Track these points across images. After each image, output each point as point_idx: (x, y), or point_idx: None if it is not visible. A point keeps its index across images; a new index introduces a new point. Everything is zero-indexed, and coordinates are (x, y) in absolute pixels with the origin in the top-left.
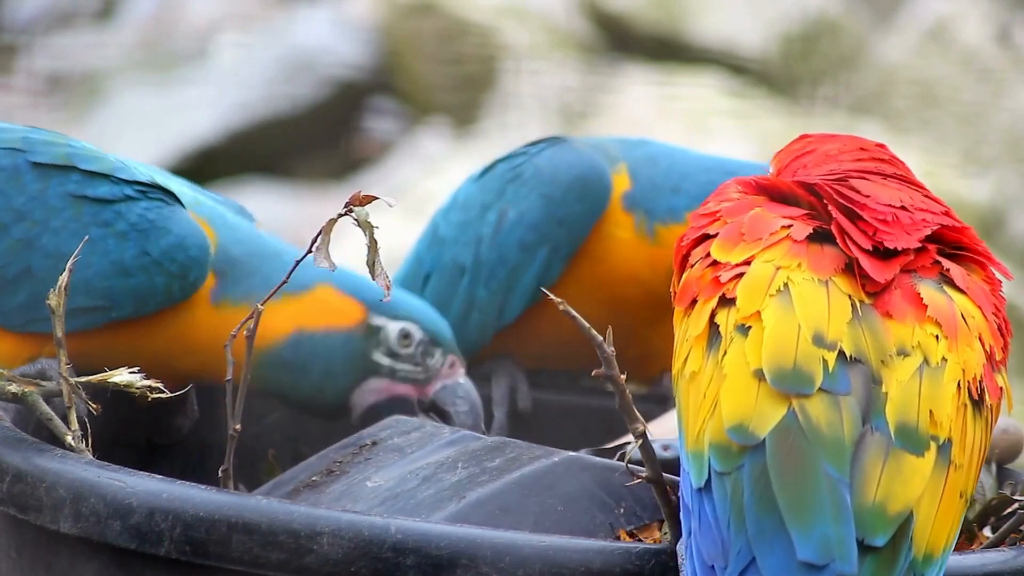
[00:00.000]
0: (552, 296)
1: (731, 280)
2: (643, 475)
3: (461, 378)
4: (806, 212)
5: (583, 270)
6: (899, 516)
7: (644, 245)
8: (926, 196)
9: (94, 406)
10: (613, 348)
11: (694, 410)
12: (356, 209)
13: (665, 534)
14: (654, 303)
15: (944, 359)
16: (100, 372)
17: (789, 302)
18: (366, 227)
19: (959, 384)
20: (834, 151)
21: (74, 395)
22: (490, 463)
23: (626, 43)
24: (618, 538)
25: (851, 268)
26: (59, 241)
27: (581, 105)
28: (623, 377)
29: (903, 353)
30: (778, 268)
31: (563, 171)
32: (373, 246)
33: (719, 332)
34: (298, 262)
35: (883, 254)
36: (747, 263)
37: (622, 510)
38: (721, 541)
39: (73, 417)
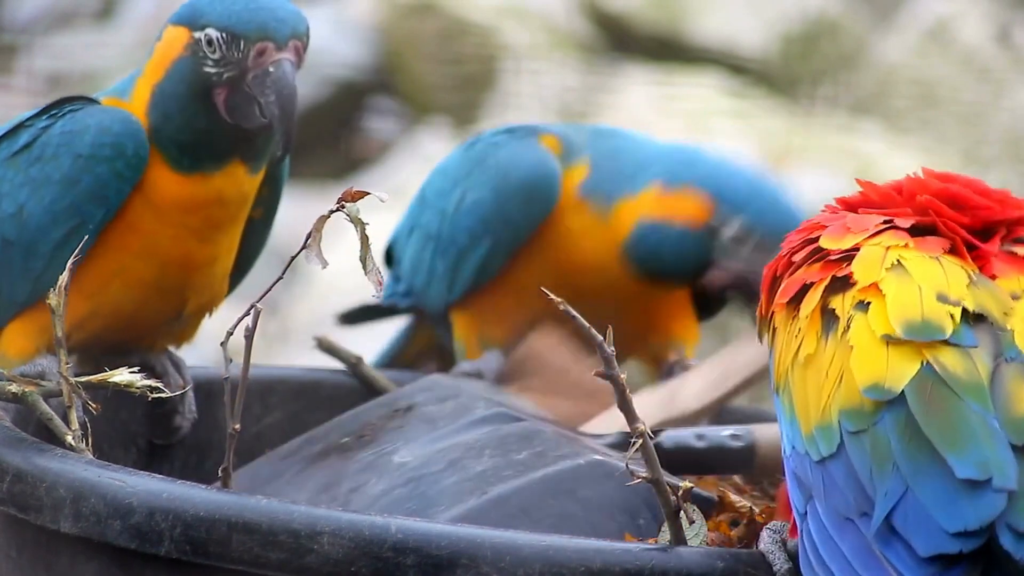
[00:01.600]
0: (552, 296)
1: (842, 261)
2: (643, 475)
3: None
4: (905, 211)
5: (537, 260)
6: None
7: (600, 226)
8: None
9: (94, 406)
10: (613, 348)
11: (815, 391)
12: (348, 205)
13: (664, 534)
14: (613, 284)
15: None
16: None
17: (906, 272)
18: (357, 223)
19: None
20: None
21: (74, 395)
22: (516, 455)
23: (626, 43)
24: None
25: (956, 251)
26: (17, 200)
27: (581, 105)
28: (623, 377)
29: (1016, 297)
30: (888, 248)
31: (515, 172)
32: (365, 242)
33: (835, 315)
34: (292, 259)
35: (982, 234)
36: (856, 248)
37: (642, 521)
38: (858, 493)
39: (73, 417)
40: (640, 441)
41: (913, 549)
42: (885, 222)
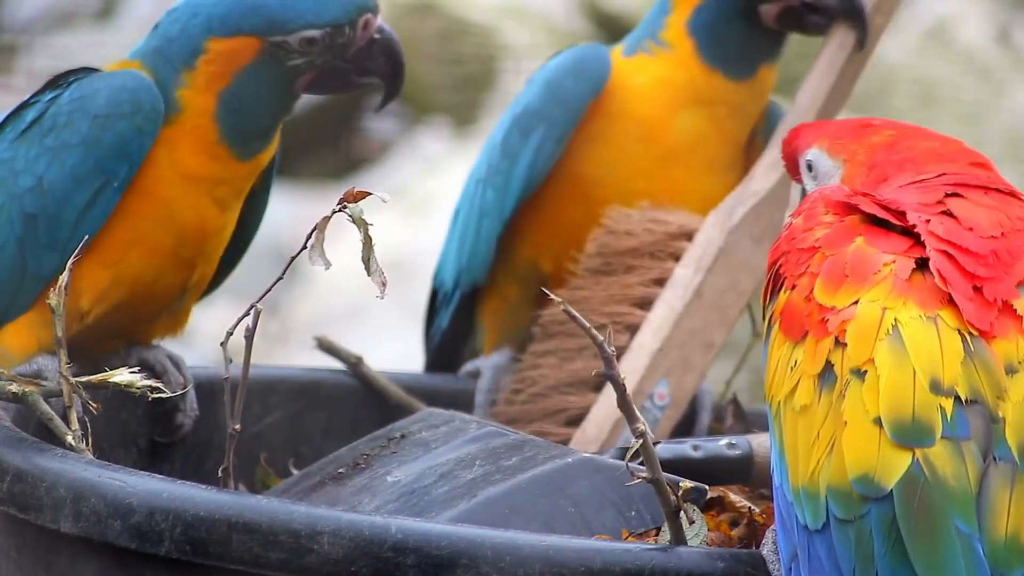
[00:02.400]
0: (552, 295)
1: (840, 325)
2: (643, 475)
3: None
4: (906, 242)
5: (599, 138)
6: None
7: (662, 61)
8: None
9: (94, 405)
10: (614, 348)
11: (804, 446)
12: (350, 206)
13: (664, 534)
14: (704, 103)
15: None
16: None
17: (901, 346)
18: (360, 224)
19: None
20: (919, 153)
21: (74, 394)
22: (506, 461)
23: None
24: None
25: (953, 301)
26: (35, 173)
27: None
28: (623, 377)
29: (1012, 371)
30: (885, 308)
31: (562, 56)
32: (367, 243)
33: (833, 370)
34: (292, 259)
35: (981, 291)
36: (854, 304)
37: (633, 513)
38: None
39: (73, 416)
40: (640, 441)
41: None
42: (887, 264)
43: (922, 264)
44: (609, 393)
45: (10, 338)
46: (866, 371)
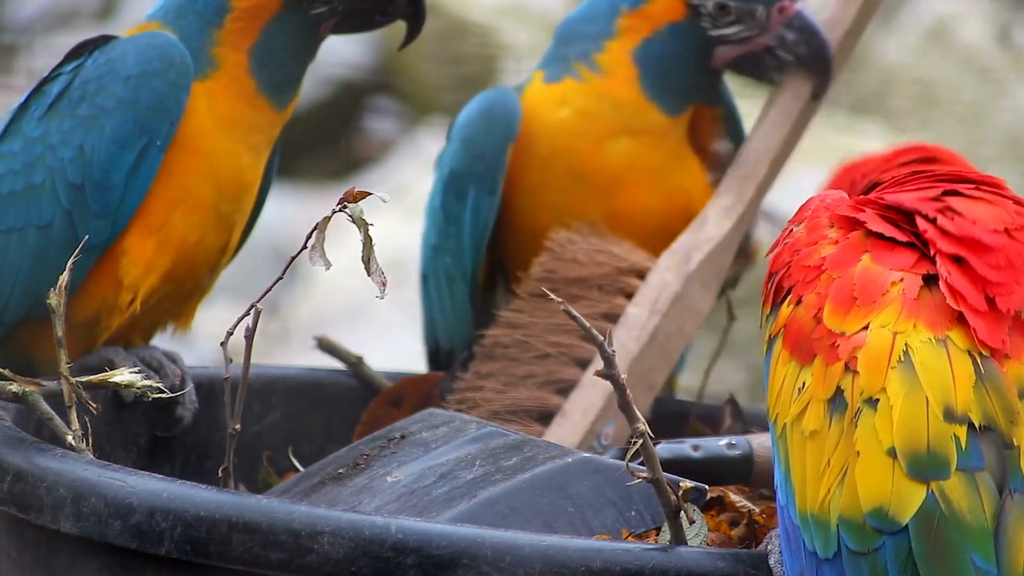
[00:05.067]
0: (552, 296)
1: (851, 352)
2: (643, 475)
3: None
4: (913, 255)
5: (537, 168)
6: None
7: (594, 88)
8: (1018, 206)
9: (94, 405)
10: (614, 348)
11: (814, 472)
12: (350, 206)
13: (664, 534)
14: (639, 134)
15: None
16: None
17: (913, 373)
18: (360, 224)
19: None
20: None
21: (74, 394)
22: (506, 461)
23: None
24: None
25: (964, 318)
26: (73, 143)
27: None
28: (623, 377)
29: None
30: (895, 333)
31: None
32: (368, 243)
33: (843, 397)
34: (292, 259)
35: (994, 303)
36: (864, 329)
37: (633, 513)
38: None
39: (73, 417)
40: (640, 440)
41: None
42: (895, 282)
43: (930, 279)
44: (583, 392)
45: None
46: (878, 400)
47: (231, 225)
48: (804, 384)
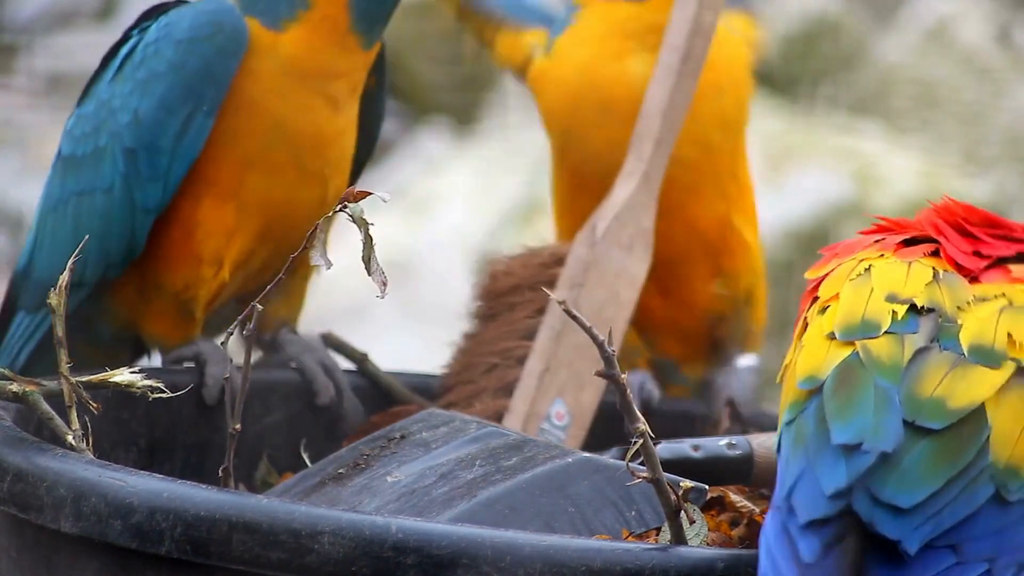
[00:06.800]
0: (552, 296)
1: (816, 286)
2: (644, 475)
3: None
4: (924, 248)
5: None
6: (961, 411)
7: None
8: None
9: (94, 405)
10: (614, 348)
11: (783, 396)
12: (350, 206)
13: (665, 534)
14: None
15: None
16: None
17: (867, 277)
18: (361, 224)
19: None
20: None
21: (74, 394)
22: (506, 462)
23: None
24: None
25: (939, 254)
26: (130, 107)
27: None
28: (624, 377)
29: (983, 300)
30: (861, 260)
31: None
32: (368, 242)
33: (806, 321)
34: (293, 259)
35: (979, 255)
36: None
37: (633, 513)
38: (780, 479)
39: (74, 416)
40: (640, 440)
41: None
42: (877, 240)
43: (914, 240)
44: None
45: (159, 324)
46: (828, 306)
47: (323, 179)
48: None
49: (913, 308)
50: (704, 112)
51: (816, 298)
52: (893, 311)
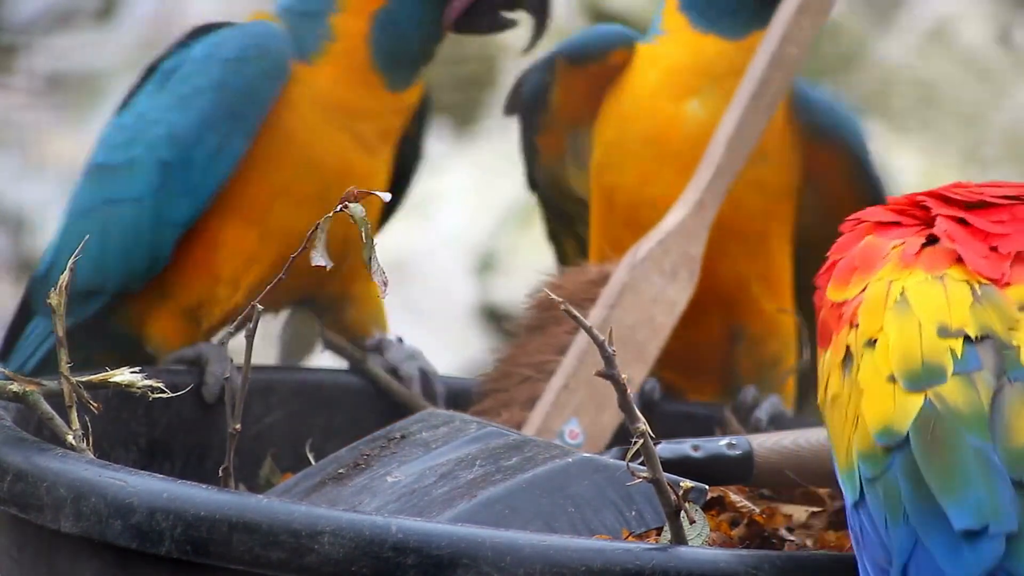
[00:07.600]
0: (553, 296)
1: (853, 312)
2: (644, 475)
3: None
4: (916, 225)
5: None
6: None
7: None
8: None
9: (95, 405)
10: (614, 348)
11: (839, 432)
12: (350, 206)
13: (665, 534)
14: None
15: None
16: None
17: (907, 306)
18: (361, 223)
19: None
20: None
21: (75, 394)
22: (507, 461)
23: None
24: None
25: (962, 260)
26: (169, 121)
27: None
28: (624, 378)
29: None
30: (891, 282)
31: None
32: (368, 243)
33: (851, 353)
34: (293, 259)
35: (996, 249)
36: (864, 290)
37: (633, 513)
38: (880, 545)
39: (74, 416)
40: (641, 440)
41: None
42: (895, 247)
43: (933, 240)
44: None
45: (162, 325)
46: (876, 340)
47: (348, 218)
48: (825, 361)
49: (967, 338)
50: (743, 171)
51: (855, 324)
52: (951, 348)
